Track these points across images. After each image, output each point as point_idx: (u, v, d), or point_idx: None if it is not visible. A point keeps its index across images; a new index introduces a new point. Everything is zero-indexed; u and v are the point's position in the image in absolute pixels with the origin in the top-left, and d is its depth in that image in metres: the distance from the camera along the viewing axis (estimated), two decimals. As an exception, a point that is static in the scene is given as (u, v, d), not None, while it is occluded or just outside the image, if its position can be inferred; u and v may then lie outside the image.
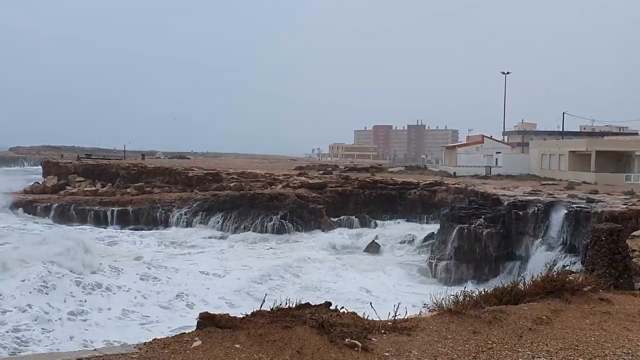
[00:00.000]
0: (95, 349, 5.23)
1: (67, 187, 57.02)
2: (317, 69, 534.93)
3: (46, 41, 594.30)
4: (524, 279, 8.24)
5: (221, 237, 43.04)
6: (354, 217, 46.25)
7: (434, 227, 38.78)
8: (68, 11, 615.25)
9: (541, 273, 8.37)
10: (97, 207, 48.77)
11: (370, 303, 7.17)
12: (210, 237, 43.03)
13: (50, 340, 18.80)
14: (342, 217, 46.31)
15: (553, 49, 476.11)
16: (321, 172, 61.06)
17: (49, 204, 49.58)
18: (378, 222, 45.60)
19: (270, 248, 39.72)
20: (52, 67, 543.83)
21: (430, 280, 32.21)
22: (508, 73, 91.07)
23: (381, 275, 32.98)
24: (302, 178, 52.85)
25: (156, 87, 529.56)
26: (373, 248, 39.09)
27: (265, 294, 6.88)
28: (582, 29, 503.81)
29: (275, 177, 54.54)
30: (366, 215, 46.19)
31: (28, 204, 50.50)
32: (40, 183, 60.49)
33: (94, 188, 55.66)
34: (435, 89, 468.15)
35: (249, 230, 43.97)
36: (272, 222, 44.49)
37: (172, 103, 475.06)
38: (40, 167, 74.56)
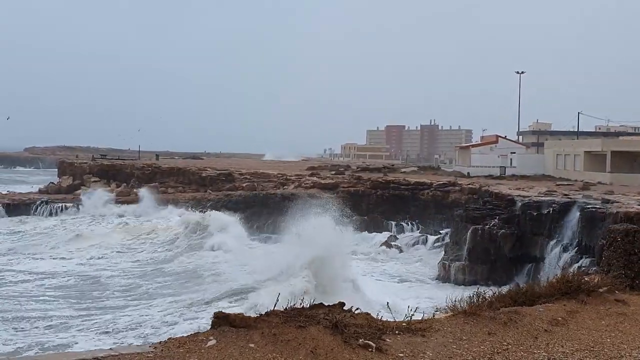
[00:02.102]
0: (111, 348, 5.26)
1: (82, 187, 57.40)
2: (327, 70, 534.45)
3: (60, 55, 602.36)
4: (540, 280, 8.19)
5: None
6: (366, 217, 46.16)
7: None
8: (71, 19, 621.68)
9: (556, 274, 8.32)
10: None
11: (387, 303, 7.15)
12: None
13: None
14: (353, 218, 46.20)
15: (564, 48, 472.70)
16: (333, 172, 61.00)
17: (64, 203, 49.91)
18: (391, 222, 45.46)
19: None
20: (64, 75, 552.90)
21: (444, 281, 32.11)
22: (522, 73, 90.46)
23: (393, 276, 32.93)
24: (314, 178, 52.85)
25: (165, 91, 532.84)
26: (385, 249, 39.03)
27: (279, 294, 6.88)
28: (591, 28, 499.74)
29: (288, 177, 54.61)
30: (378, 216, 46.08)
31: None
32: (56, 183, 60.92)
33: (108, 188, 56.01)
34: (448, 88, 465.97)
35: (262, 231, 43.96)
36: (284, 223, 44.46)
37: (180, 105, 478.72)
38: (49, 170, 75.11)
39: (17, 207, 48.87)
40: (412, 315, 6.61)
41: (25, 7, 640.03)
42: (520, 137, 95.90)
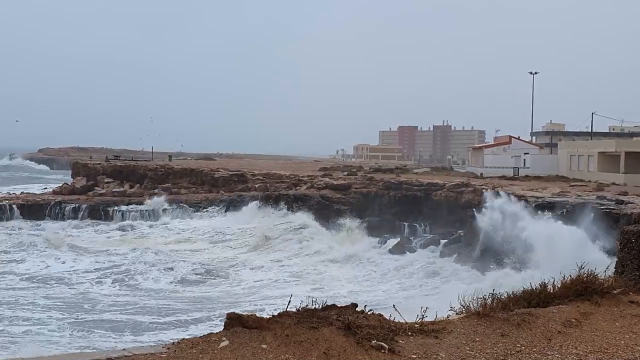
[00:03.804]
0: (124, 349, 5.29)
1: (95, 187, 57.67)
2: (339, 71, 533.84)
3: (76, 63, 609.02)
4: (554, 281, 8.15)
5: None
6: (378, 218, 46.08)
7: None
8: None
9: (570, 275, 8.28)
10: (125, 208, 49.48)
11: (403, 305, 7.13)
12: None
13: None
14: (366, 219, 46.17)
15: (578, 46, 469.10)
16: (345, 173, 60.94)
17: (78, 204, 50.26)
18: (403, 224, 45.34)
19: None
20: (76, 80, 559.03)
21: (457, 282, 31.98)
22: (536, 73, 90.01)
23: (407, 276, 32.87)
24: (327, 179, 52.81)
25: (173, 92, 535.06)
26: (398, 250, 38.96)
27: (291, 295, 6.89)
28: (603, 27, 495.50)
29: (300, 178, 54.63)
30: (390, 217, 45.99)
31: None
32: (70, 184, 61.24)
33: (122, 189, 56.26)
34: (461, 89, 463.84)
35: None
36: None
37: (189, 107, 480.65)
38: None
39: (31, 207, 49.27)
40: (425, 316, 6.60)
41: (38, 12, 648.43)
42: (534, 137, 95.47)
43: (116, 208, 49.38)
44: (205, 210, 48.53)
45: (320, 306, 6.33)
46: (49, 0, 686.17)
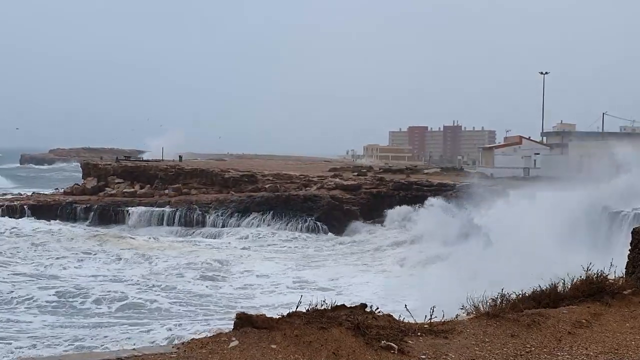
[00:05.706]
0: (134, 349, 5.32)
1: (106, 188, 57.90)
2: (339, 71, 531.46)
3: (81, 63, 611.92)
4: (564, 282, 8.12)
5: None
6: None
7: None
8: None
9: (580, 276, 8.25)
10: (134, 209, 49.77)
11: (405, 305, 7.13)
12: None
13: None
14: (376, 219, 46.18)
15: (579, 46, 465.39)
16: (355, 173, 60.91)
17: (88, 205, 50.54)
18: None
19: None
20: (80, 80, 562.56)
21: (467, 282, 31.87)
22: (547, 73, 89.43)
23: (417, 275, 32.80)
24: (337, 180, 52.84)
25: (175, 93, 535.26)
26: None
27: (301, 295, 6.91)
28: (610, 26, 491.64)
29: (310, 178, 54.68)
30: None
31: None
32: (80, 184, 61.54)
33: (132, 189, 56.46)
34: (471, 88, 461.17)
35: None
36: (306, 224, 44.71)
37: (195, 106, 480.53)
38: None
39: (42, 208, 49.58)
40: (434, 316, 6.59)
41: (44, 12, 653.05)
42: (544, 138, 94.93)
43: (126, 209, 49.63)
44: (215, 211, 48.64)
45: (330, 306, 6.34)
46: (49, 0, 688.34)
